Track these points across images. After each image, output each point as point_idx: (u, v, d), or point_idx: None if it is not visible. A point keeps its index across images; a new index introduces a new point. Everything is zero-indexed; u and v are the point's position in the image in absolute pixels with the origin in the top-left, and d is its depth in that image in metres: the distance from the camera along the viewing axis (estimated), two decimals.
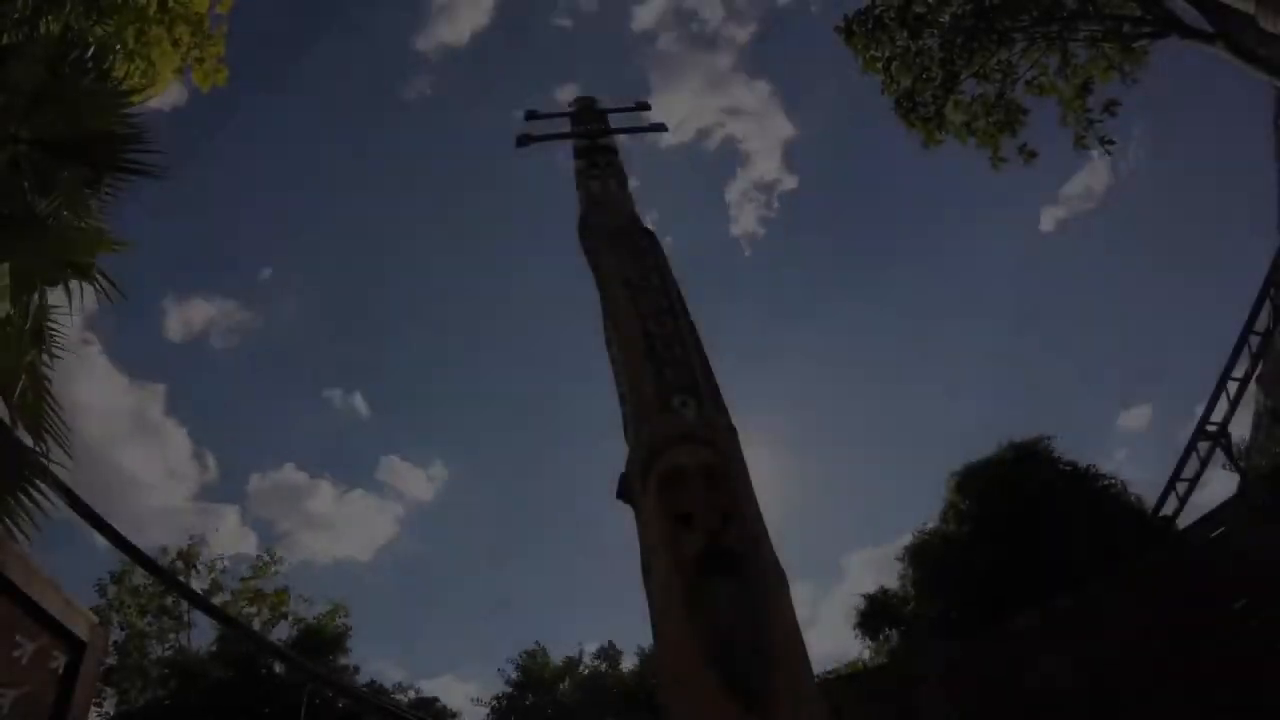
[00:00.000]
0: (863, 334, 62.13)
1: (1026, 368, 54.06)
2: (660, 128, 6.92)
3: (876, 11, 13.91)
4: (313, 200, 59.40)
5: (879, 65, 14.08)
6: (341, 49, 59.12)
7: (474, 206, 64.04)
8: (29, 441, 4.25)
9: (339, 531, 52.67)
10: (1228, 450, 18.79)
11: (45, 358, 4.82)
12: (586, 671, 25.00)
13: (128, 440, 51.74)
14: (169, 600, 26.07)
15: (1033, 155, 13.76)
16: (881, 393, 59.03)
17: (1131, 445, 51.70)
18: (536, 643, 25.95)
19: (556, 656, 25.44)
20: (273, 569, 27.80)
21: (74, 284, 4.90)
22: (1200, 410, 18.62)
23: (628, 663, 24.18)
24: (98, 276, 4.90)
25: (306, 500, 53.23)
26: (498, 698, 24.48)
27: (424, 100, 62.26)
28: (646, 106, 7.15)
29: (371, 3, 60.11)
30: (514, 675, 24.61)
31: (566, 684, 24.43)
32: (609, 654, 25.06)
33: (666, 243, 4.90)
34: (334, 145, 60.54)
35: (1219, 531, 8.95)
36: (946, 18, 13.43)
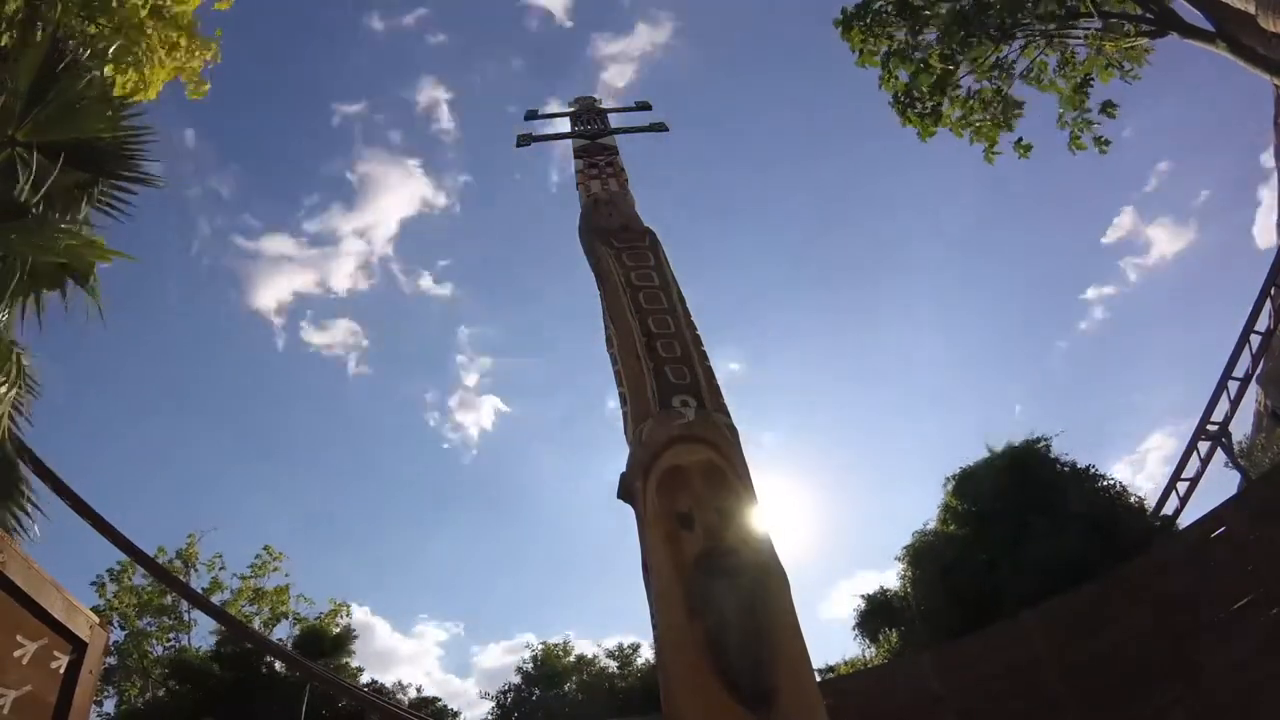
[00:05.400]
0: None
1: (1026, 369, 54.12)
2: (661, 127, 6.93)
3: (875, 5, 13.88)
4: None
5: (876, 59, 14.06)
6: None
7: None
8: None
9: None
10: (1228, 450, 18.78)
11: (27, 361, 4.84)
12: (595, 669, 24.89)
13: None
14: (169, 599, 26.02)
15: (1028, 150, 13.78)
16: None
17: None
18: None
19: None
20: (273, 566, 27.71)
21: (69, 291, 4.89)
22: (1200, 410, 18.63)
23: (639, 662, 24.08)
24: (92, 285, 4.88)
25: None
26: (503, 691, 24.38)
27: None
28: (647, 107, 7.18)
29: None
30: (529, 668, 24.53)
31: (574, 682, 24.30)
32: (622, 653, 24.97)
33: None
34: None
35: (1219, 531, 8.92)
36: (945, 11, 13.40)
